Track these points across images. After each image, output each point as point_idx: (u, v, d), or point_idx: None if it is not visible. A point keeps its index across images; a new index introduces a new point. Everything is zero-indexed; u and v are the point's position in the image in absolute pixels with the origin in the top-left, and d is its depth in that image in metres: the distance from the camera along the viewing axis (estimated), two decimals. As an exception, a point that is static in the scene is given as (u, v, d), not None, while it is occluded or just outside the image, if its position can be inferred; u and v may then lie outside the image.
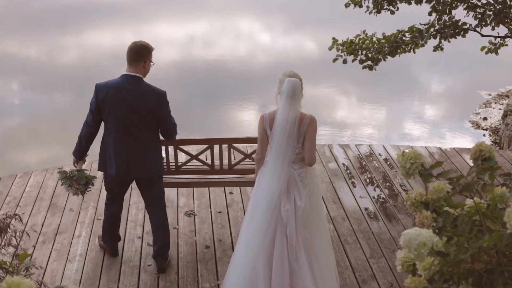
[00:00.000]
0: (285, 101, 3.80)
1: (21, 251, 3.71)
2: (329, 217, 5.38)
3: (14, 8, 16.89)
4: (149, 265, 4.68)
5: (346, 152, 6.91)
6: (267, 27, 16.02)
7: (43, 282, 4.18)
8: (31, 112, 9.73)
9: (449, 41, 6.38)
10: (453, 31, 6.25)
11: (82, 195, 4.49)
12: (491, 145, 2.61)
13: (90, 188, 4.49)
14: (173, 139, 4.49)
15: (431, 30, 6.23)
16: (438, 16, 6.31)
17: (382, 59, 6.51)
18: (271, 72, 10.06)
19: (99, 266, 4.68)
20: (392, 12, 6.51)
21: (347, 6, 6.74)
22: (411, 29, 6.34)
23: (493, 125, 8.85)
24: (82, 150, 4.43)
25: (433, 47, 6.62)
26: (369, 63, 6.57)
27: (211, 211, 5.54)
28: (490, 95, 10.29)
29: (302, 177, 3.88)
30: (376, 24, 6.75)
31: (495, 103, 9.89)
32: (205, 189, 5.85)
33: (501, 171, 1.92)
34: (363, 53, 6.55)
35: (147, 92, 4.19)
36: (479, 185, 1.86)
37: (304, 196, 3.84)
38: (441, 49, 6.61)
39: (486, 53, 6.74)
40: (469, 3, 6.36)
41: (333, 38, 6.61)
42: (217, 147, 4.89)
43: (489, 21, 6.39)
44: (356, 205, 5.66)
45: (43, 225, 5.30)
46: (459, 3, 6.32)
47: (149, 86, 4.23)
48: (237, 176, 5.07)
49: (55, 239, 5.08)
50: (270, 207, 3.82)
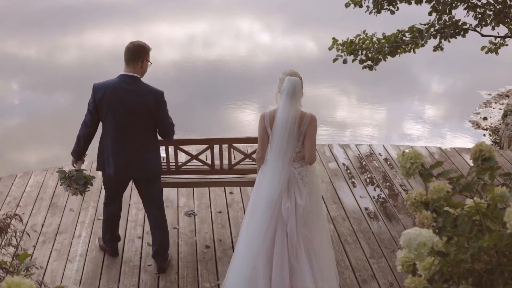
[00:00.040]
0: (285, 100, 3.81)
1: (21, 251, 3.71)
2: (329, 217, 5.38)
3: (14, 8, 16.88)
4: (149, 265, 4.68)
5: (346, 152, 6.91)
6: (267, 27, 16.02)
7: (43, 282, 4.18)
8: (31, 112, 9.73)
9: (449, 41, 6.38)
10: (453, 31, 6.24)
11: (81, 195, 4.50)
12: (491, 145, 2.61)
13: (89, 188, 4.50)
14: (171, 139, 4.50)
15: (431, 30, 6.23)
16: (438, 16, 6.31)
17: (382, 59, 6.51)
18: (271, 72, 10.06)
19: (99, 266, 4.68)
20: (392, 12, 6.51)
21: (347, 6, 6.74)
22: (411, 29, 6.34)
23: (493, 125, 8.85)
24: (81, 150, 4.44)
25: (433, 47, 6.61)
26: (369, 63, 6.57)
27: (211, 211, 5.54)
28: (490, 95, 10.29)
29: (302, 175, 3.88)
30: (376, 24, 6.75)
31: (495, 103, 9.89)
32: (205, 189, 5.85)
33: (501, 171, 1.92)
34: (363, 53, 6.54)
35: (144, 92, 4.20)
36: (479, 185, 1.86)
37: (305, 195, 3.85)
38: (441, 49, 6.61)
39: (486, 53, 6.74)
40: (469, 3, 6.36)
41: (333, 38, 6.61)
42: (217, 147, 4.89)
43: (489, 21, 6.39)
44: (356, 205, 5.66)
45: (43, 225, 5.30)
46: (459, 3, 6.32)
47: (146, 86, 4.24)
48: (237, 176, 5.07)
49: (55, 239, 5.08)
50: (270, 205, 3.83)
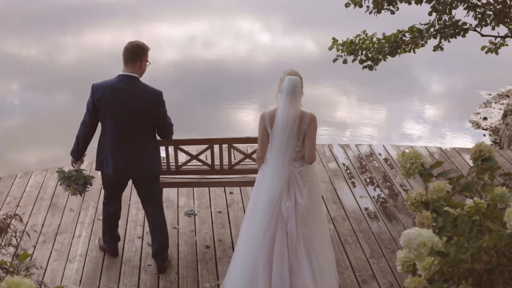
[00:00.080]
0: (285, 99, 3.81)
1: (21, 251, 3.71)
2: (329, 217, 5.38)
3: (14, 8, 16.88)
4: (149, 265, 4.68)
5: (346, 152, 6.91)
6: (267, 27, 16.02)
7: (43, 282, 4.18)
8: (31, 112, 9.73)
9: (449, 41, 6.38)
10: (453, 31, 6.24)
11: (80, 195, 4.51)
12: (491, 145, 2.62)
13: (88, 188, 4.51)
14: (170, 139, 4.50)
15: (431, 30, 6.23)
16: (438, 16, 6.31)
17: (382, 59, 6.50)
18: (271, 72, 10.05)
19: (99, 266, 4.68)
20: (392, 12, 6.51)
21: (347, 6, 6.74)
22: (411, 29, 6.34)
23: (493, 125, 8.85)
24: (80, 150, 4.45)
25: (433, 47, 6.61)
26: (369, 63, 6.57)
27: (211, 211, 5.54)
28: (490, 95, 10.29)
29: (302, 175, 3.89)
30: (376, 24, 6.75)
31: (495, 103, 9.89)
32: (205, 189, 5.85)
33: (501, 171, 1.92)
34: (363, 53, 6.54)
35: (143, 92, 4.20)
36: (479, 185, 1.86)
37: (305, 194, 3.86)
38: (441, 49, 6.61)
39: (486, 53, 6.74)
40: (469, 3, 6.36)
41: (333, 38, 6.60)
42: (217, 147, 4.89)
43: (489, 21, 6.39)
44: (356, 205, 5.66)
45: (43, 225, 5.30)
46: (459, 3, 6.32)
47: (145, 86, 4.24)
48: (237, 176, 5.07)
49: (55, 239, 5.08)
50: (270, 204, 3.83)
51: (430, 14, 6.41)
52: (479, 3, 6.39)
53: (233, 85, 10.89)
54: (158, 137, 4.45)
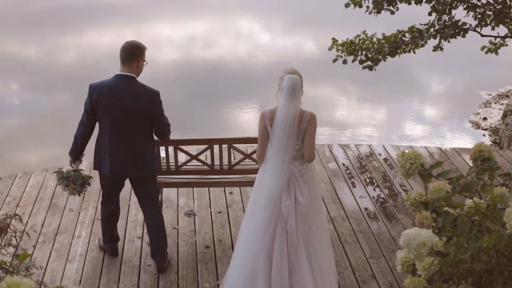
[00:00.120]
0: (285, 98, 3.82)
1: (21, 251, 3.71)
2: (329, 217, 5.39)
3: (14, 8, 16.88)
4: (149, 265, 4.68)
5: (346, 152, 6.91)
6: (267, 27, 16.02)
7: (43, 282, 4.18)
8: (31, 112, 9.74)
9: (449, 41, 6.38)
10: (453, 31, 6.24)
11: (79, 195, 4.51)
12: (490, 145, 2.62)
13: (86, 188, 4.51)
14: (167, 138, 4.51)
15: (431, 30, 6.23)
16: (438, 16, 6.31)
17: (382, 59, 6.51)
18: (271, 72, 10.04)
19: (99, 266, 4.68)
20: (392, 12, 6.51)
21: (347, 6, 6.74)
22: (411, 29, 6.34)
23: (493, 125, 8.85)
24: (78, 150, 4.46)
25: (433, 47, 6.61)
26: (369, 63, 6.57)
27: (211, 211, 5.54)
28: (490, 95, 10.29)
29: (302, 173, 3.89)
30: (376, 24, 6.75)
31: (495, 103, 9.89)
32: (205, 189, 5.85)
33: (500, 171, 1.92)
34: (363, 53, 6.54)
35: (140, 91, 4.21)
36: (478, 185, 1.86)
37: (305, 192, 3.86)
38: (441, 49, 6.61)
39: (486, 53, 6.74)
40: (469, 3, 6.36)
41: (333, 39, 6.61)
42: (217, 147, 4.89)
43: (489, 21, 6.39)
44: (356, 205, 5.66)
45: (43, 225, 5.30)
46: (459, 3, 6.32)
47: (142, 86, 4.25)
48: (237, 176, 5.08)
49: (55, 239, 5.08)
50: (270, 203, 3.84)
51: (430, 14, 6.42)
52: (479, 3, 6.39)
53: (233, 85, 10.89)
54: (156, 137, 4.46)
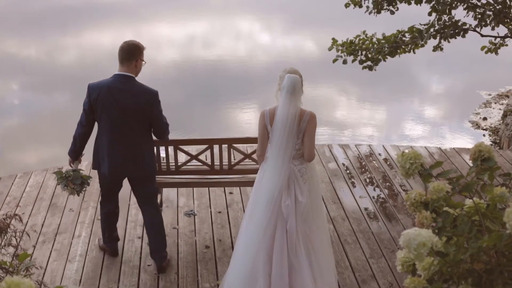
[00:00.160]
0: (285, 97, 3.82)
1: (21, 251, 3.71)
2: (329, 217, 5.39)
3: (14, 8, 16.88)
4: (149, 265, 4.68)
5: (346, 152, 6.91)
6: (267, 27, 16.02)
7: (43, 282, 4.18)
8: (31, 112, 9.74)
9: (449, 41, 6.38)
10: (453, 31, 6.24)
11: (78, 195, 4.52)
12: (490, 145, 2.62)
13: (85, 188, 4.51)
14: (166, 138, 4.51)
15: (431, 30, 6.23)
16: (438, 16, 6.31)
17: (382, 59, 6.50)
18: (271, 72, 10.04)
19: (99, 266, 4.68)
20: (392, 12, 6.51)
21: (347, 6, 6.74)
22: (411, 29, 6.34)
23: (493, 125, 8.85)
24: (77, 150, 4.46)
25: (433, 47, 6.61)
26: (369, 63, 6.57)
27: (211, 211, 5.54)
28: (490, 95, 10.29)
29: (302, 172, 3.89)
30: (376, 24, 6.75)
31: (495, 103, 9.89)
32: (205, 189, 5.85)
33: (500, 171, 1.92)
34: (363, 53, 6.54)
35: (138, 91, 4.22)
36: (478, 185, 1.86)
37: (305, 192, 3.86)
38: (441, 49, 6.61)
39: (486, 53, 6.74)
40: (469, 3, 6.36)
41: (333, 39, 6.60)
42: (217, 147, 4.89)
43: (489, 21, 6.38)
44: (356, 205, 5.66)
45: (43, 225, 5.30)
46: (459, 3, 6.32)
47: (141, 85, 4.25)
48: (237, 176, 5.08)
49: (55, 239, 5.08)
50: (270, 202, 3.84)
51: (430, 14, 6.42)
52: (479, 3, 6.39)
53: (233, 85, 10.89)
54: (154, 137, 4.46)
